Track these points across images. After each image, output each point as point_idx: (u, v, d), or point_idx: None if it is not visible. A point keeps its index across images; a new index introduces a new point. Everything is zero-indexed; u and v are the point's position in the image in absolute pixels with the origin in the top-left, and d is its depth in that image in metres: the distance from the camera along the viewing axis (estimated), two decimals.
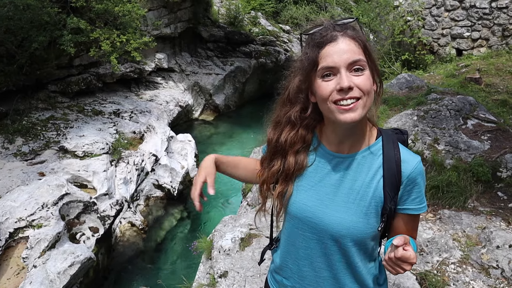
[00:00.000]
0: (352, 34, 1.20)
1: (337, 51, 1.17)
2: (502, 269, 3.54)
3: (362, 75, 1.17)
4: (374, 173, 1.28)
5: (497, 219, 4.09)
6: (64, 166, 6.86)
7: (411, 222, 1.34)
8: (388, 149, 1.29)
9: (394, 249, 1.10)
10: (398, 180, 1.26)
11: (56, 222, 5.49)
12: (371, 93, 1.21)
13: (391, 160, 1.27)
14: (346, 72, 1.16)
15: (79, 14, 8.25)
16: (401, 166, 1.26)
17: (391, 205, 1.27)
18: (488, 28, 9.47)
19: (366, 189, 1.27)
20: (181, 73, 12.88)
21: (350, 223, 1.27)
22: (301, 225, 1.36)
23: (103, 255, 6.27)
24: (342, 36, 1.18)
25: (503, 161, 4.58)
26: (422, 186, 1.29)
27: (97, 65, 9.95)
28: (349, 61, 1.16)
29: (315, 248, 1.36)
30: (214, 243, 4.16)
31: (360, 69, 1.17)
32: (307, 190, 1.35)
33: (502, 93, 6.84)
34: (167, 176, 8.34)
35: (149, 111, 9.92)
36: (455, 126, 5.18)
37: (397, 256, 1.08)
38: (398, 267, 1.12)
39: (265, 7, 17.37)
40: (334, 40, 1.18)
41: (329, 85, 1.18)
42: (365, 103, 1.18)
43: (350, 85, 1.15)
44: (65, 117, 8.40)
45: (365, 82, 1.17)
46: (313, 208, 1.33)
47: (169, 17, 11.89)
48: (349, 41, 1.18)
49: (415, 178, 1.27)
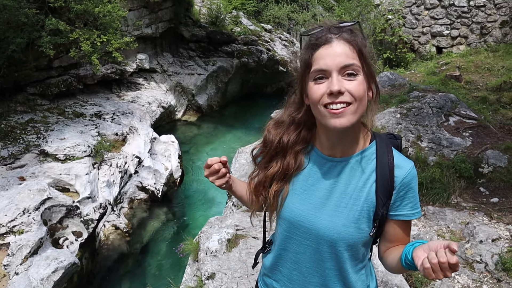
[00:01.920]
0: (348, 38, 1.17)
1: (330, 54, 1.15)
2: (486, 263, 3.60)
3: (354, 80, 1.15)
4: (367, 177, 1.27)
5: (480, 214, 4.16)
6: (45, 170, 6.72)
7: (404, 228, 1.32)
8: (381, 154, 1.27)
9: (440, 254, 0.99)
10: (391, 185, 1.25)
11: (38, 228, 5.37)
12: (364, 99, 1.18)
13: (384, 165, 1.25)
14: (338, 76, 1.14)
15: (57, 15, 8.08)
16: (394, 171, 1.25)
17: (383, 210, 1.26)
18: (466, 26, 9.66)
19: (359, 193, 1.26)
20: (163, 73, 12.76)
21: (342, 228, 1.26)
22: (293, 229, 1.35)
23: (87, 260, 6.17)
24: (337, 39, 1.16)
25: (484, 157, 4.67)
26: (415, 191, 1.28)
27: (77, 66, 9.78)
28: (341, 65, 1.14)
29: (305, 253, 1.34)
30: (200, 245, 4.13)
31: (353, 74, 1.15)
32: (300, 194, 1.34)
33: (482, 90, 6.97)
34: (151, 178, 8.25)
35: (131, 112, 9.80)
36: (437, 123, 5.26)
37: (452, 262, 0.98)
38: (441, 273, 1.01)
39: (246, 6, 17.33)
40: (328, 43, 1.16)
41: (320, 88, 1.16)
42: (355, 109, 1.16)
43: (340, 89, 1.12)
44: (45, 120, 8.23)
45: (357, 88, 1.14)
46: (305, 212, 1.32)
47: (150, 17, 11.77)
48: (343, 44, 1.16)
49: (408, 184, 1.26)
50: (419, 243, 1.15)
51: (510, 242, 3.76)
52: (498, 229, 3.95)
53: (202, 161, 10.57)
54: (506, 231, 3.93)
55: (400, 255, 1.20)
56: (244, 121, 13.18)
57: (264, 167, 1.39)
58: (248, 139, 10.78)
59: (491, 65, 8.11)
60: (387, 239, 1.34)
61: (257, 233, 4.10)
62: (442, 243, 1.03)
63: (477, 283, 3.44)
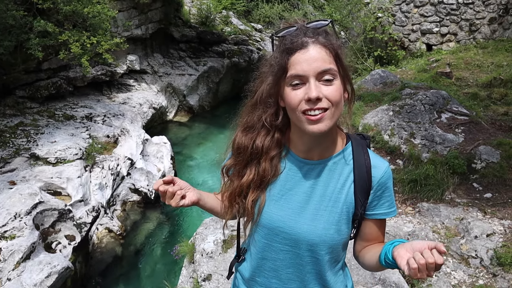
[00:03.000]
0: (324, 42, 1.15)
1: (307, 59, 1.12)
2: (481, 258, 3.62)
3: (331, 85, 1.13)
4: (345, 179, 1.27)
5: (474, 210, 4.19)
6: (36, 173, 6.63)
7: (380, 226, 1.34)
8: (358, 155, 1.27)
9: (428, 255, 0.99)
10: (369, 185, 1.25)
11: (30, 232, 5.30)
12: (340, 103, 1.17)
13: (361, 166, 1.25)
14: (315, 82, 1.12)
15: (46, 17, 7.98)
16: (371, 171, 1.25)
17: (361, 211, 1.27)
18: (456, 23, 9.74)
19: (338, 195, 1.26)
20: (154, 74, 12.69)
21: (323, 231, 1.25)
22: (272, 235, 1.32)
23: (80, 264, 6.10)
24: (313, 43, 1.14)
25: (477, 153, 4.70)
26: (391, 190, 1.30)
27: (67, 68, 9.68)
28: (318, 70, 1.12)
29: (285, 259, 1.32)
30: (196, 246, 4.11)
31: (330, 79, 1.14)
32: (278, 200, 1.31)
33: (472, 86, 7.03)
34: (144, 180, 8.19)
35: (123, 114, 9.73)
36: (430, 120, 5.28)
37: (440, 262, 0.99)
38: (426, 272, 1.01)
39: (236, 6, 17.30)
40: (305, 47, 1.13)
41: (298, 95, 1.15)
42: (332, 113, 1.15)
43: (318, 96, 1.11)
44: (35, 123, 8.13)
45: (334, 93, 1.13)
46: (285, 217, 1.29)
47: (140, 18, 11.69)
48: (320, 49, 1.13)
49: (385, 183, 1.27)
50: (398, 242, 1.15)
51: (504, 237, 3.79)
52: (492, 224, 3.98)
53: (195, 162, 10.53)
54: (500, 226, 3.96)
55: (379, 254, 1.19)
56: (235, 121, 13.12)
57: (238, 176, 1.35)
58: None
59: (480, 61, 8.18)
60: (363, 238, 1.35)
61: None
62: (426, 243, 1.04)
63: (473, 278, 3.46)
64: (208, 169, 10.09)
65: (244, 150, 1.33)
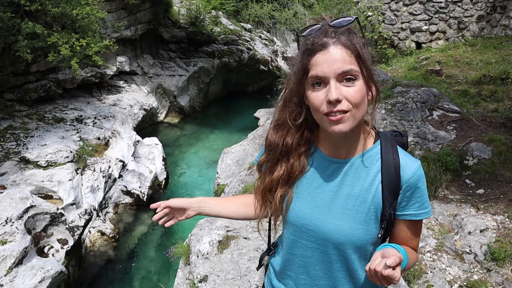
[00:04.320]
0: (345, 42, 1.13)
1: (328, 60, 1.11)
2: (475, 253, 3.66)
3: (353, 86, 1.12)
4: (372, 178, 1.25)
5: (467, 206, 4.23)
6: (26, 177, 6.55)
7: (411, 228, 1.30)
8: (386, 154, 1.25)
9: (385, 266, 1.03)
10: (397, 185, 1.22)
11: (22, 237, 5.23)
12: (363, 104, 1.16)
13: (389, 165, 1.23)
14: (336, 83, 1.12)
15: (34, 18, 7.88)
16: (400, 171, 1.23)
17: (390, 211, 1.24)
18: (444, 22, 9.83)
19: (365, 194, 1.24)
20: (144, 75, 12.62)
21: (349, 230, 1.24)
22: (299, 233, 1.33)
23: (73, 267, 6.05)
24: (334, 44, 1.12)
25: (469, 149, 4.75)
26: (423, 191, 1.25)
27: (56, 70, 9.57)
28: (339, 72, 1.11)
29: (313, 256, 1.33)
30: (191, 248, 4.09)
31: (351, 79, 1.12)
32: (304, 197, 1.32)
33: (462, 83, 7.10)
34: (136, 182, 8.15)
35: (113, 116, 9.66)
36: (421, 117, 5.32)
37: (384, 274, 1.02)
38: (378, 280, 1.07)
39: (225, 6, 17.28)
40: (325, 48, 1.12)
41: (319, 96, 1.14)
42: (353, 115, 1.14)
43: (338, 98, 1.10)
44: (25, 126, 8.03)
45: (355, 95, 1.12)
46: (311, 215, 1.30)
47: (129, 19, 11.61)
48: (341, 50, 1.12)
49: (414, 184, 1.23)
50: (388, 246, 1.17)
51: (497, 232, 3.83)
52: (485, 219, 4.02)
53: (187, 163, 10.49)
54: (493, 221, 4.00)
55: None
56: (227, 121, 13.14)
57: (269, 172, 1.36)
58: (232, 139, 10.75)
59: (469, 59, 8.26)
60: (393, 238, 1.33)
61: (248, 234, 4.08)
62: (391, 253, 1.07)
63: (468, 274, 3.49)
64: (200, 170, 10.06)
65: (275, 147, 1.34)
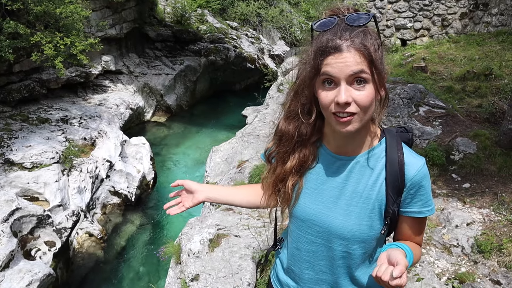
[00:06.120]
0: (359, 46, 1.11)
1: (339, 63, 1.11)
2: (462, 246, 3.71)
3: (363, 90, 1.12)
4: (377, 175, 1.26)
5: (454, 200, 4.29)
6: (11, 179, 6.45)
7: (415, 225, 1.32)
8: (391, 151, 1.26)
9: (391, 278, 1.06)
10: (401, 183, 1.24)
11: (8, 240, 5.15)
12: (370, 108, 1.16)
13: (394, 163, 1.24)
14: (346, 86, 1.12)
15: (16, 18, 7.75)
16: (404, 169, 1.24)
17: (394, 208, 1.26)
18: (428, 19, 9.94)
19: (370, 191, 1.26)
20: (130, 74, 12.51)
21: (354, 226, 1.26)
22: (305, 228, 1.35)
23: (61, 270, 5.98)
24: (347, 47, 1.11)
25: (455, 144, 4.81)
26: (427, 189, 1.26)
27: (40, 70, 9.43)
28: (350, 73, 1.11)
29: (317, 252, 1.35)
30: (182, 247, 4.06)
31: (362, 81, 1.12)
32: (310, 193, 1.33)
33: (447, 79, 7.18)
34: (123, 182, 8.08)
35: (99, 115, 9.56)
36: (408, 113, 5.38)
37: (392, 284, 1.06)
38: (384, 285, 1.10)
39: (211, 4, 17.22)
40: (338, 51, 1.11)
41: (328, 96, 1.15)
42: (361, 118, 1.15)
43: (347, 101, 1.11)
44: (8, 127, 7.89)
45: (364, 99, 1.12)
46: (317, 211, 1.31)
47: (114, 18, 11.49)
48: (354, 53, 1.11)
49: (419, 182, 1.24)
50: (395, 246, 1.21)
51: (483, 225, 3.89)
52: (472, 213, 4.09)
53: (175, 162, 10.44)
54: (479, 214, 4.07)
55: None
56: (214, 119, 13.12)
57: (282, 162, 1.37)
58: (220, 137, 10.73)
59: (453, 55, 8.36)
60: (397, 235, 1.35)
61: (239, 232, 4.08)
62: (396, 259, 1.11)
63: (456, 267, 3.54)
64: (188, 169, 10.02)
65: (289, 137, 1.33)
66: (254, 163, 5.72)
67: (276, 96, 8.95)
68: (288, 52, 12.51)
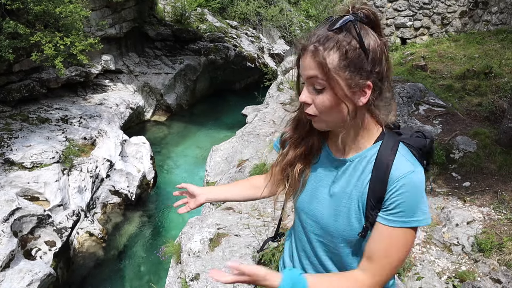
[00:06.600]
0: (315, 51, 1.11)
1: (303, 65, 1.17)
2: (463, 245, 3.71)
3: (320, 95, 1.15)
4: (364, 178, 1.24)
5: (454, 199, 4.28)
6: (11, 179, 6.45)
7: (381, 238, 1.19)
8: (382, 155, 1.21)
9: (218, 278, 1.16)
10: (383, 188, 1.17)
11: (9, 240, 5.15)
12: (330, 112, 1.15)
13: (381, 167, 1.19)
14: (308, 87, 1.17)
15: (15, 17, 7.75)
16: (390, 173, 1.16)
17: (374, 213, 1.20)
18: (428, 17, 9.93)
19: (357, 193, 1.25)
20: (130, 74, 12.50)
21: (342, 226, 1.27)
22: (303, 222, 1.41)
23: (62, 269, 5.98)
24: (309, 52, 1.13)
25: (455, 143, 4.81)
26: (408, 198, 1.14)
27: (39, 70, 9.43)
28: (307, 76, 1.15)
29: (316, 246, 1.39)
30: (182, 246, 4.07)
31: (318, 88, 1.14)
32: (308, 188, 1.38)
33: (447, 78, 7.18)
34: (124, 181, 8.08)
35: (99, 115, 9.55)
36: (408, 112, 5.38)
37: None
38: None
39: (211, 3, 17.21)
40: (303, 54, 1.16)
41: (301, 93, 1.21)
42: (324, 119, 1.19)
43: (305, 101, 1.17)
44: (8, 127, 7.89)
45: (320, 104, 1.15)
46: (312, 206, 1.36)
47: (113, 17, 11.48)
48: (310, 58, 1.13)
49: (400, 187, 1.13)
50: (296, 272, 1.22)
51: (484, 224, 3.89)
52: (472, 212, 4.08)
53: (175, 161, 10.44)
54: (479, 213, 4.06)
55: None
56: (214, 118, 13.11)
57: (294, 147, 1.40)
58: (220, 136, 10.72)
59: (453, 54, 8.36)
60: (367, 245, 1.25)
61: (239, 231, 4.08)
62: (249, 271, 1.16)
63: (456, 265, 3.54)
64: (189, 168, 10.02)
65: (304, 124, 1.36)
66: (254, 162, 5.73)
67: (276, 95, 8.94)
68: (288, 51, 12.49)
